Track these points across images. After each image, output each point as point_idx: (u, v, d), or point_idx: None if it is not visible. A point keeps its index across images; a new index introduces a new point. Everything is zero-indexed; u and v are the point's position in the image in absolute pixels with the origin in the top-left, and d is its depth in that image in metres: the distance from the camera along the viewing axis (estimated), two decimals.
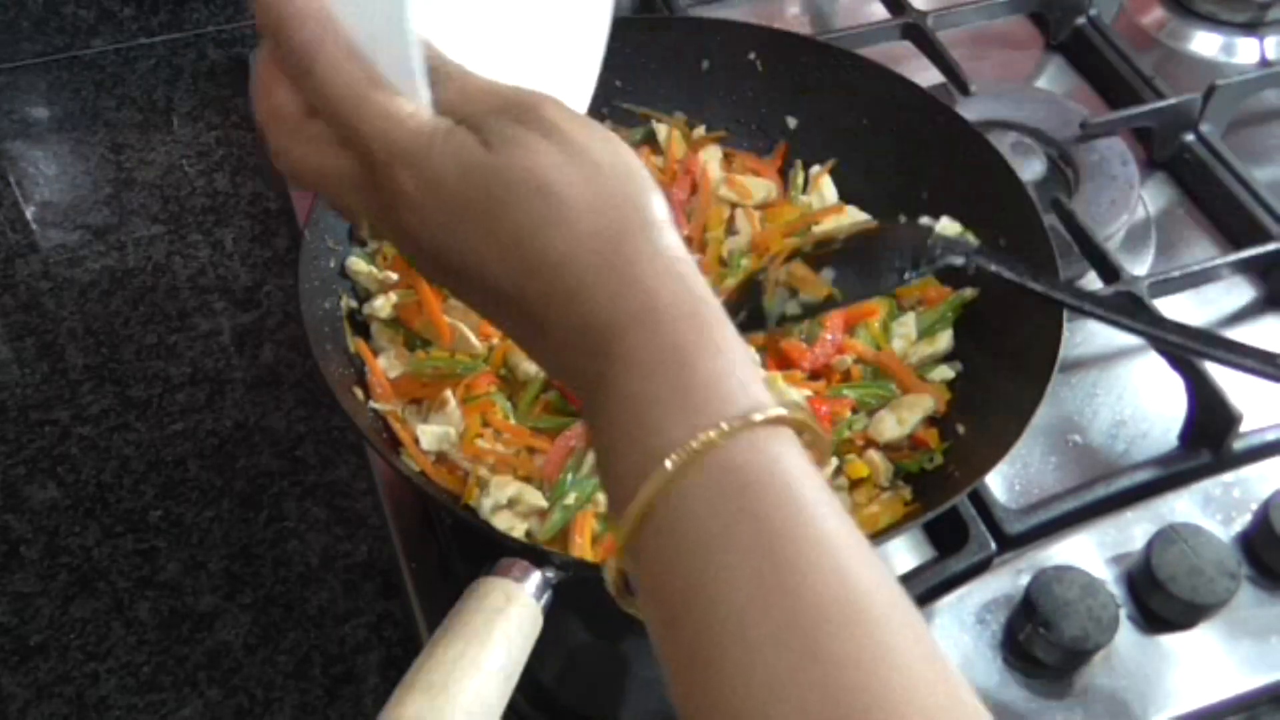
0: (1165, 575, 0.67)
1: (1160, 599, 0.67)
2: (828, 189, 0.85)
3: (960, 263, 0.72)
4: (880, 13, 1.07)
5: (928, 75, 0.99)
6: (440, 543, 0.72)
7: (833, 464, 0.72)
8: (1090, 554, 0.70)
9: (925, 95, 0.84)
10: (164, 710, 0.69)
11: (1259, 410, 0.77)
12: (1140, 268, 0.90)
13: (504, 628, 0.54)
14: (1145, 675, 0.66)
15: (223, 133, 1.02)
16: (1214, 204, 0.94)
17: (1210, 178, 0.94)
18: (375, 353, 0.76)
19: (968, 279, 0.77)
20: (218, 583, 0.74)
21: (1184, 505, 0.72)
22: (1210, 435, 0.77)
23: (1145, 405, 0.81)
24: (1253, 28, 1.11)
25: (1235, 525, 0.72)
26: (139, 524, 0.77)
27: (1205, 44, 1.11)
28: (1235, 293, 0.89)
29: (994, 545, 0.71)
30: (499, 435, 0.72)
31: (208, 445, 0.81)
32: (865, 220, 0.83)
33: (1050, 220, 0.80)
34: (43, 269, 0.91)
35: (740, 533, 0.37)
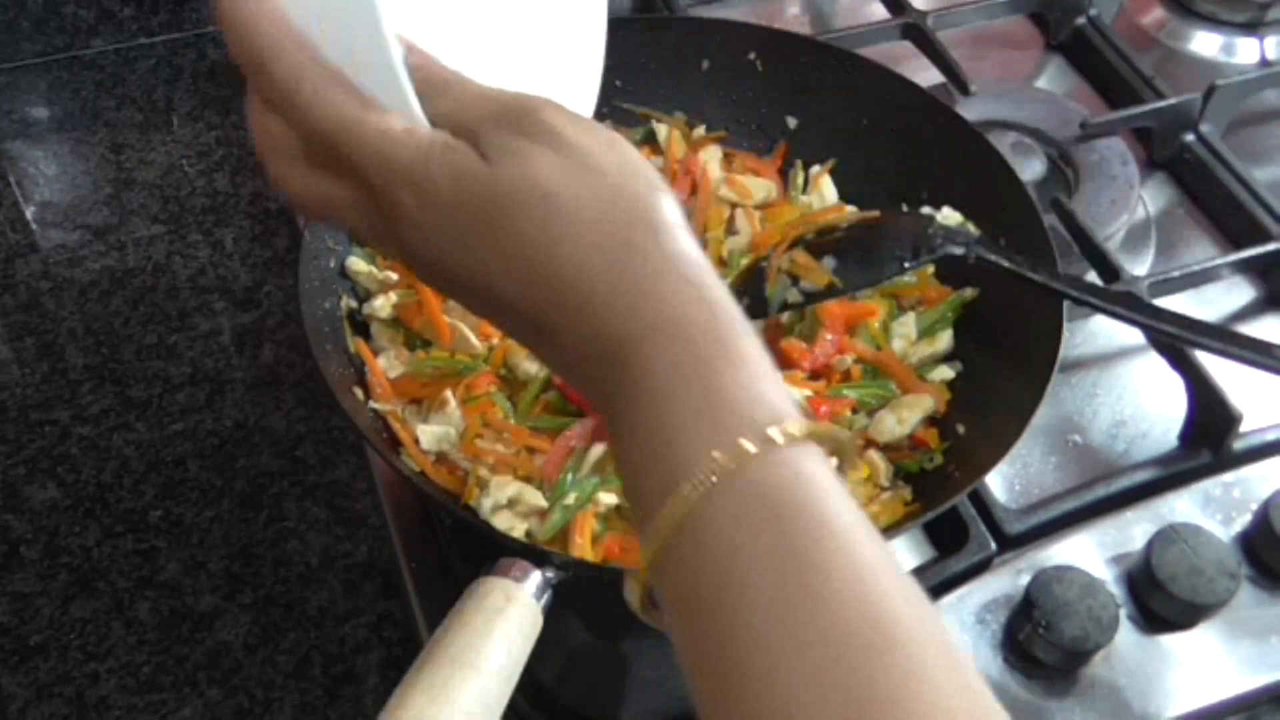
0: (1165, 575, 0.67)
1: (1160, 599, 0.67)
2: (828, 189, 0.85)
3: (960, 252, 0.72)
4: (880, 13, 1.07)
5: (928, 75, 0.99)
6: (440, 543, 0.72)
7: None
8: (1090, 554, 0.70)
9: (925, 95, 0.84)
10: (164, 710, 0.69)
11: (1259, 410, 0.77)
12: (1140, 268, 0.90)
13: (504, 628, 0.54)
14: (1145, 675, 0.66)
15: (223, 133, 1.02)
16: (1214, 204, 0.94)
17: (1210, 178, 0.94)
18: (375, 353, 0.76)
19: (968, 273, 0.77)
20: (218, 583, 0.74)
21: (1184, 505, 0.72)
22: (1210, 435, 0.77)
23: (1145, 405, 0.82)
24: (1253, 28, 1.11)
25: (1235, 525, 0.72)
26: (139, 524, 0.77)
27: (1205, 44, 1.11)
28: (1235, 293, 0.89)
29: (994, 545, 0.71)
30: (499, 435, 0.72)
31: (208, 445, 0.81)
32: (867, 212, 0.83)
33: (1050, 220, 0.80)
34: (43, 269, 0.91)
35: (766, 549, 0.37)
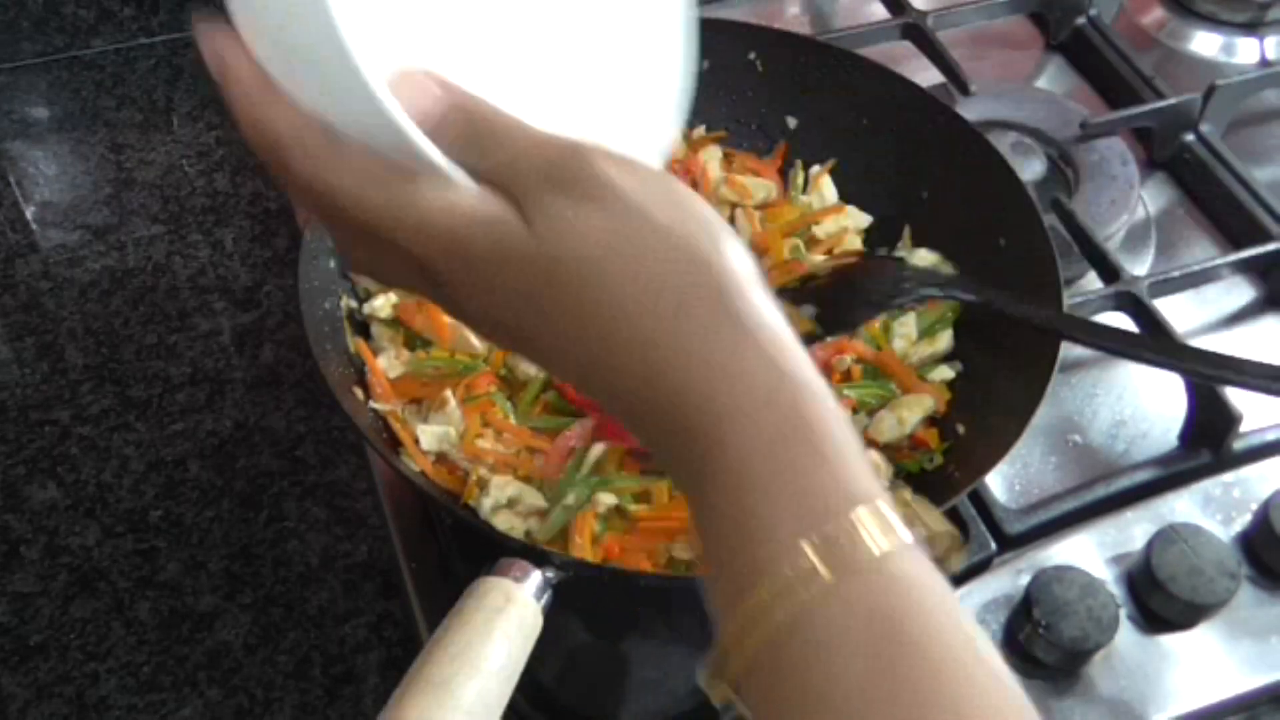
0: (1165, 575, 0.67)
1: (1160, 599, 0.67)
2: (828, 189, 0.85)
3: (937, 294, 0.73)
4: (880, 13, 1.07)
5: (928, 75, 0.99)
6: (440, 543, 0.72)
7: None
8: (1090, 554, 0.70)
9: (925, 95, 0.84)
10: (164, 710, 0.69)
11: (1259, 410, 0.77)
12: (1140, 268, 0.90)
13: (504, 628, 0.54)
14: (1145, 675, 0.66)
15: (223, 133, 1.02)
16: (1214, 204, 0.94)
17: (1210, 178, 0.94)
18: (375, 353, 0.76)
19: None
20: (218, 583, 0.74)
21: (1184, 505, 0.72)
22: (1210, 435, 0.77)
23: (1145, 405, 0.81)
24: (1253, 28, 1.11)
25: (1235, 525, 0.72)
26: (139, 524, 0.77)
27: (1205, 44, 1.11)
28: (1235, 293, 0.89)
29: (994, 545, 0.71)
30: (499, 435, 0.72)
31: (208, 445, 0.81)
32: (848, 251, 0.83)
33: (1050, 220, 0.80)
34: (43, 269, 0.91)
35: (862, 663, 0.35)
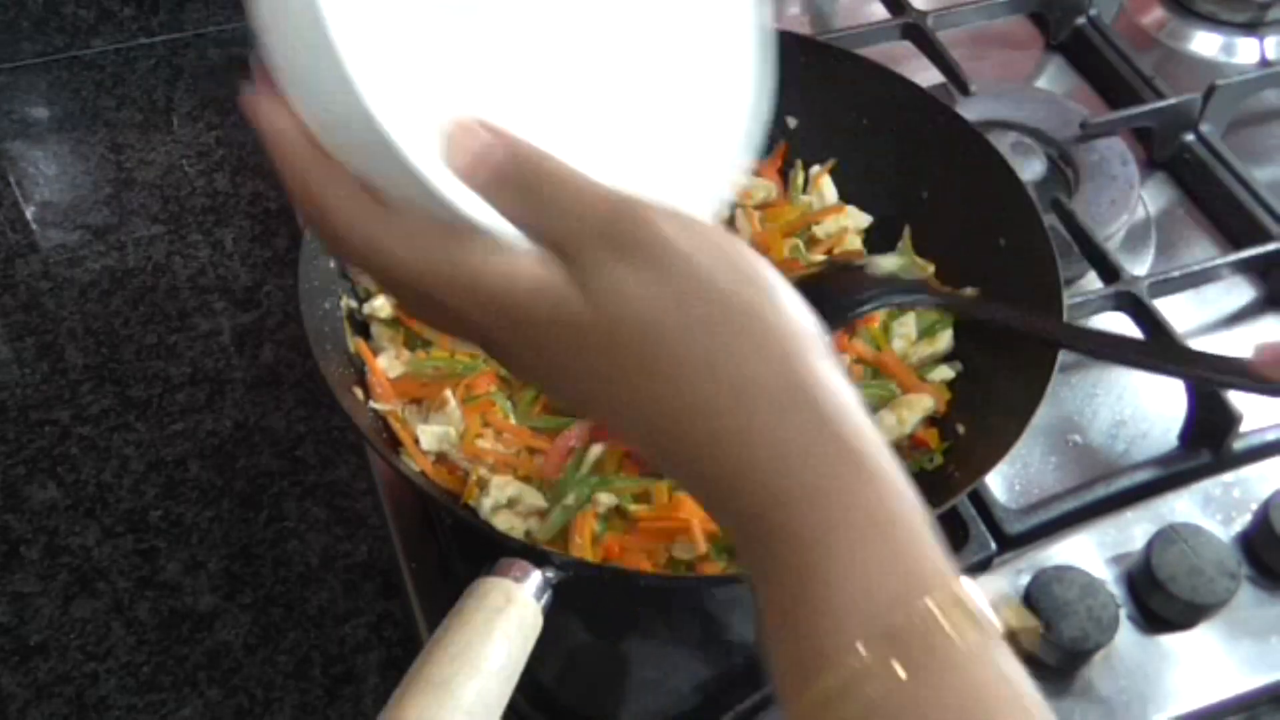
0: (1165, 575, 0.67)
1: (1160, 599, 0.67)
2: (828, 189, 0.85)
3: (908, 300, 0.74)
4: (880, 13, 1.06)
5: (928, 75, 0.99)
6: (440, 543, 0.72)
7: None
8: (1090, 554, 0.70)
9: (925, 95, 0.84)
10: (164, 710, 0.69)
11: (1259, 410, 0.77)
12: (1140, 268, 0.90)
13: (504, 628, 0.54)
14: (1145, 675, 0.66)
15: (223, 133, 1.02)
16: (1214, 204, 0.94)
17: (1210, 178, 0.94)
18: (375, 352, 0.76)
19: (968, 274, 0.78)
20: (218, 583, 0.74)
21: (1184, 505, 0.72)
22: (1210, 435, 0.77)
23: (1145, 405, 0.81)
24: (1253, 28, 1.11)
25: (1235, 525, 0.72)
26: (139, 524, 0.77)
27: (1205, 44, 1.11)
28: (1235, 293, 0.89)
29: (994, 545, 0.71)
30: (499, 435, 0.72)
31: (208, 445, 0.81)
32: (848, 251, 0.83)
33: (1050, 220, 0.80)
34: (43, 269, 0.91)
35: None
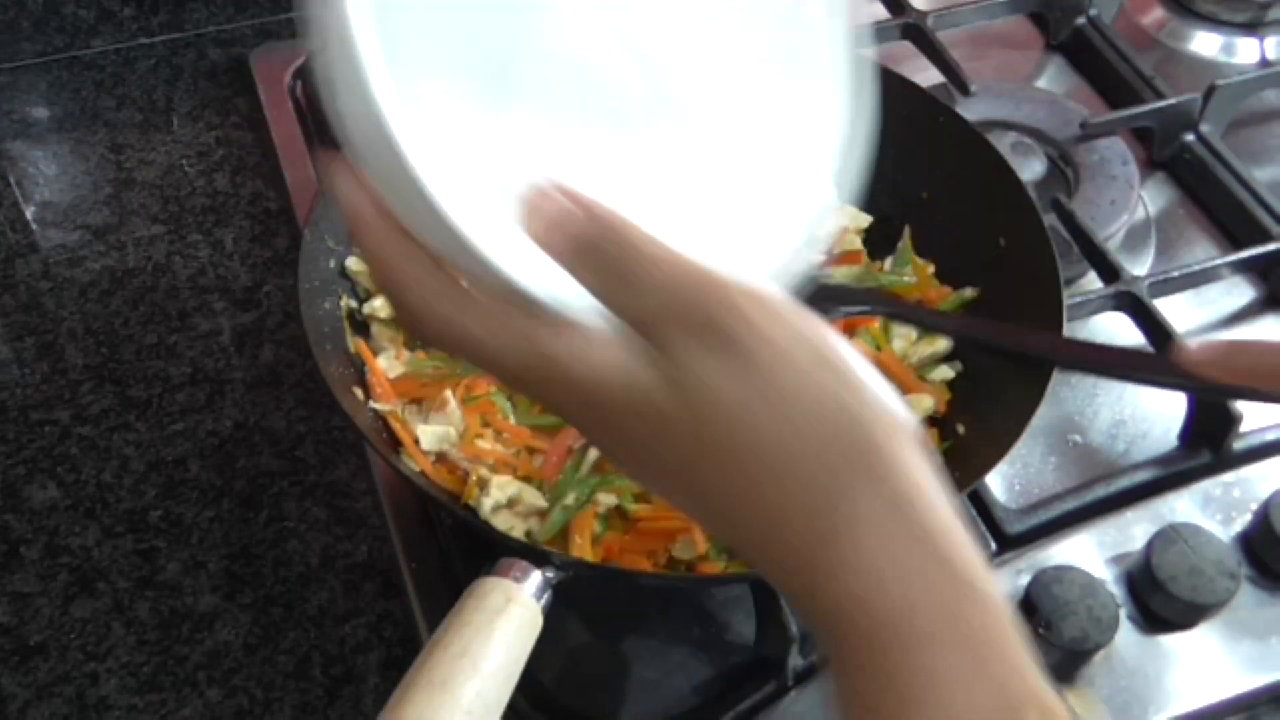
0: (1165, 575, 0.67)
1: (1160, 599, 0.67)
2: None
3: (857, 310, 0.75)
4: (880, 13, 1.06)
5: (928, 75, 0.99)
6: (440, 543, 0.72)
7: None
8: (1090, 554, 0.70)
9: (925, 95, 0.84)
10: (164, 710, 0.69)
11: (1259, 410, 0.77)
12: (1140, 268, 0.90)
13: (504, 628, 0.54)
14: (1145, 675, 0.66)
15: (223, 133, 1.01)
16: (1214, 204, 0.94)
17: (1210, 178, 0.94)
18: (375, 352, 0.76)
19: (968, 274, 0.78)
20: (218, 583, 0.74)
21: (1184, 505, 0.72)
22: (1210, 435, 0.77)
23: (1145, 405, 0.81)
24: (1253, 28, 1.11)
25: (1235, 525, 0.72)
26: (139, 524, 0.77)
27: (1205, 44, 1.11)
28: (1235, 293, 0.89)
29: (994, 545, 0.71)
30: (499, 435, 0.72)
31: (208, 445, 0.81)
32: (848, 251, 0.83)
33: (1050, 220, 0.80)
34: (43, 269, 0.91)
35: None
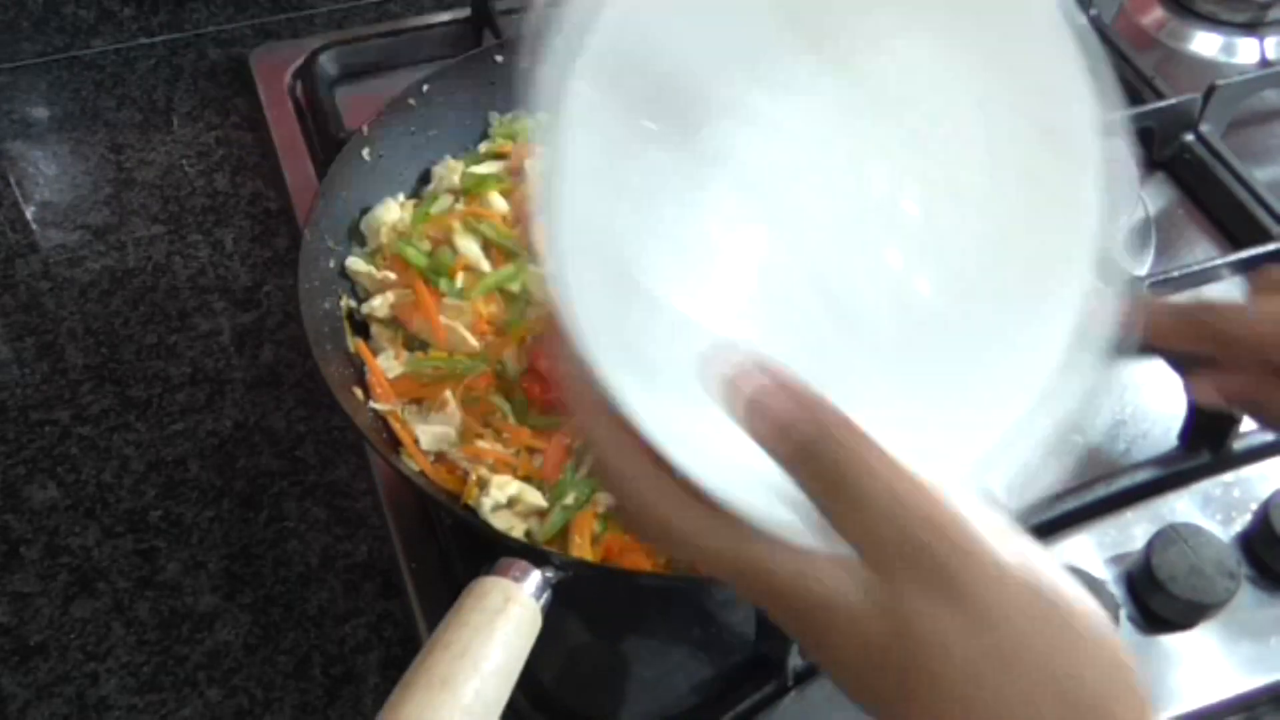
0: (1165, 575, 0.67)
1: (1160, 599, 0.67)
2: None
3: None
4: None
5: None
6: (440, 543, 0.72)
7: None
8: (1090, 554, 0.70)
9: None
10: (164, 710, 0.69)
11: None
12: (1140, 268, 0.90)
13: (503, 627, 0.54)
14: (1145, 675, 0.66)
15: (223, 133, 1.02)
16: (1214, 204, 0.94)
17: (1210, 178, 0.94)
18: (375, 352, 0.76)
19: None
20: (218, 583, 0.74)
21: (1184, 505, 0.72)
22: (1210, 435, 0.77)
23: (1145, 405, 0.81)
24: (1253, 28, 1.11)
25: (1235, 525, 0.72)
26: (139, 524, 0.77)
27: (1205, 44, 1.11)
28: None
29: None
30: (498, 435, 0.72)
31: (208, 445, 0.81)
32: None
33: None
34: (43, 269, 0.91)
35: None
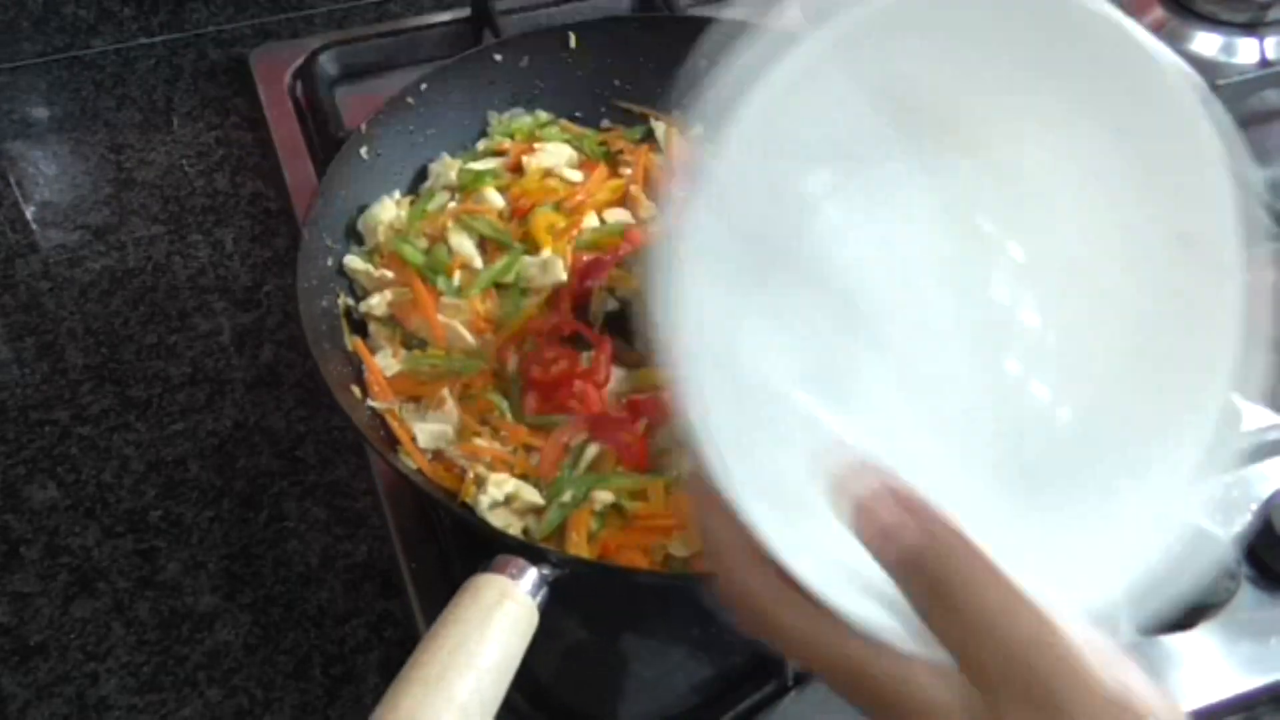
0: None
1: None
2: None
3: None
4: None
5: None
6: (440, 543, 0.72)
7: None
8: None
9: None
10: (164, 710, 0.69)
11: (1259, 410, 0.77)
12: None
13: (499, 624, 0.54)
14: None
15: (223, 133, 1.02)
16: None
17: None
18: (372, 351, 0.76)
19: None
20: (218, 583, 0.74)
21: None
22: None
23: None
24: (1253, 28, 1.11)
25: (1235, 525, 0.71)
26: (139, 524, 0.77)
27: (1205, 44, 1.11)
28: None
29: None
30: (496, 433, 0.72)
31: (208, 445, 0.81)
32: None
33: None
34: (43, 269, 0.91)
35: None
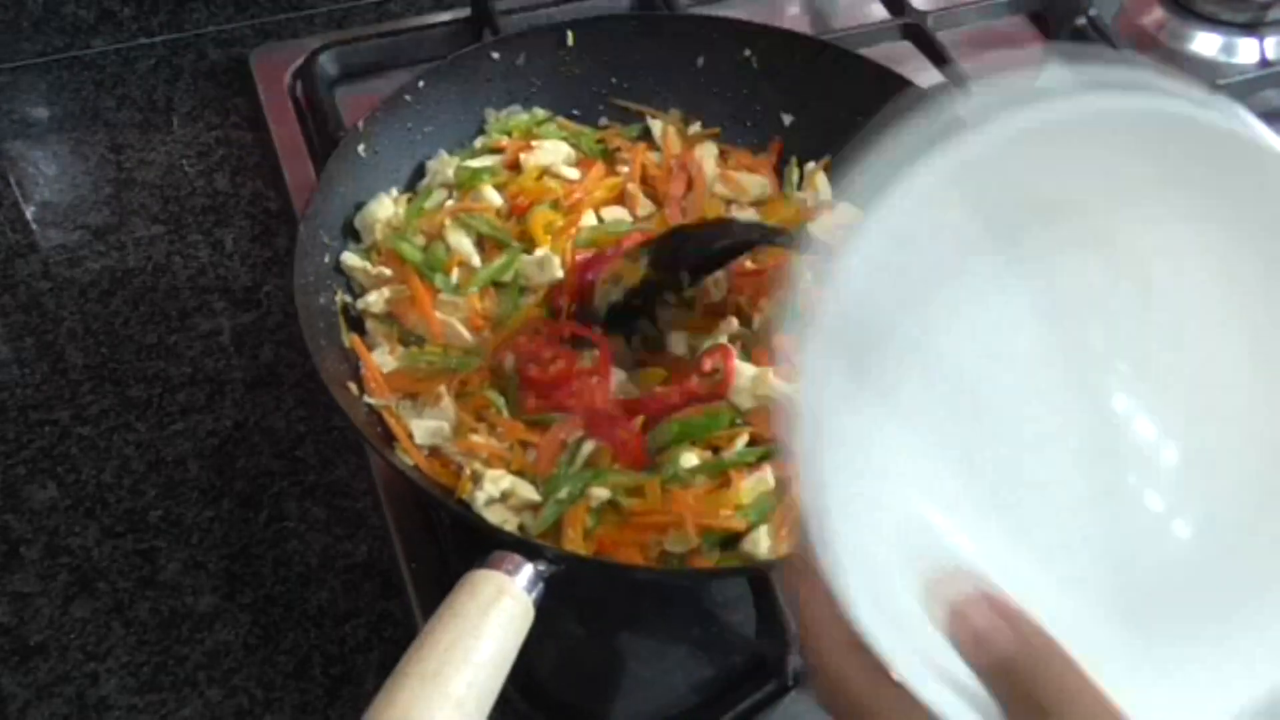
0: None
1: None
2: (823, 186, 0.85)
3: (758, 241, 0.77)
4: (880, 13, 1.07)
5: (928, 75, 0.99)
6: (440, 543, 0.72)
7: None
8: None
9: (925, 95, 0.84)
10: (164, 710, 0.69)
11: None
12: None
13: (495, 620, 0.54)
14: None
15: (223, 133, 1.02)
16: None
17: None
18: (369, 348, 0.76)
19: None
20: (218, 583, 0.74)
21: None
22: None
23: None
24: (1253, 28, 1.11)
25: None
26: (139, 524, 0.77)
27: (1205, 44, 1.11)
28: None
29: None
30: (493, 430, 0.72)
31: (208, 445, 0.81)
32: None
33: None
34: (43, 269, 0.91)
35: None
